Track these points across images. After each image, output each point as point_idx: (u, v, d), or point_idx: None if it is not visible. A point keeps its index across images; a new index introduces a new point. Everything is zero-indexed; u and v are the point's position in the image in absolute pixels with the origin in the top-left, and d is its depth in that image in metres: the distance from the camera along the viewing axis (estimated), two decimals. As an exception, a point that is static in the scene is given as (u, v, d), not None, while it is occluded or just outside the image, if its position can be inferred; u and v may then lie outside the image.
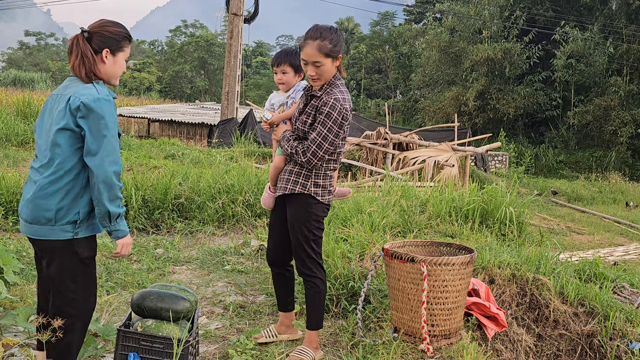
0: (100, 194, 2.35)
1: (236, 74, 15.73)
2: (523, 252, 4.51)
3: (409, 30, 34.94)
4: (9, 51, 59.75)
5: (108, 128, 2.35)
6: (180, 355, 2.69)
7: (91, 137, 2.33)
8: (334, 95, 2.86)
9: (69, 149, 2.37)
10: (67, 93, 2.40)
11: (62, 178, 2.37)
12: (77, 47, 2.42)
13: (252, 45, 57.54)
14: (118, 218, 2.43)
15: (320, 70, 2.85)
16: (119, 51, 2.49)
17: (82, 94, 2.35)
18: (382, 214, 5.44)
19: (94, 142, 2.33)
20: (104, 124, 2.34)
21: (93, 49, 2.44)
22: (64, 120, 2.35)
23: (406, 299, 3.17)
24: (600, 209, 14.16)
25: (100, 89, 2.41)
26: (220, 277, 4.58)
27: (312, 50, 2.82)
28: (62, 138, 2.36)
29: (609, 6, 26.09)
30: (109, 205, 2.36)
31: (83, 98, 2.34)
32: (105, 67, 2.48)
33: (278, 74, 3.18)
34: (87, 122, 2.33)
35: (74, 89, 2.40)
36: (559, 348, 3.84)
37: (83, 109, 2.33)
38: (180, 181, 6.62)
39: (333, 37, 2.85)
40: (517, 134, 26.15)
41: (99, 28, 2.46)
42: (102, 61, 2.46)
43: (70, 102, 2.35)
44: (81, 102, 2.33)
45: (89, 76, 2.43)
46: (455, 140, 15.16)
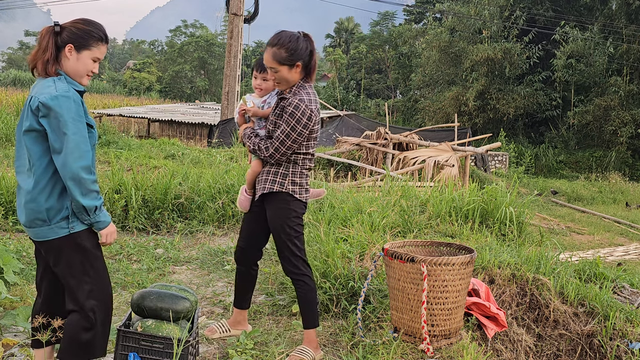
0: (72, 190, 2.35)
1: (236, 74, 15.73)
2: (523, 252, 4.51)
3: (409, 30, 34.93)
4: (9, 51, 59.78)
5: (67, 125, 2.32)
6: (180, 355, 2.69)
7: (53, 136, 2.33)
8: (299, 96, 2.96)
9: (39, 149, 2.38)
10: (31, 93, 2.40)
11: (42, 178, 2.38)
12: (42, 40, 2.41)
13: (252, 45, 57.51)
14: (96, 210, 2.42)
15: (278, 76, 2.96)
16: (84, 49, 2.43)
17: (42, 92, 2.34)
18: (382, 214, 5.44)
19: (56, 140, 2.33)
20: (64, 122, 2.31)
21: (58, 43, 2.41)
22: (27, 121, 2.36)
23: (406, 299, 3.17)
24: (600, 209, 14.16)
25: (60, 85, 2.36)
26: (220, 277, 4.58)
27: (268, 57, 2.95)
28: (30, 139, 2.38)
29: (609, 6, 26.08)
30: (82, 200, 2.35)
31: (41, 97, 2.32)
32: (69, 63, 2.42)
33: (258, 79, 3.25)
34: (48, 120, 2.32)
35: (37, 88, 2.40)
36: (559, 348, 3.84)
37: (42, 108, 2.32)
38: (180, 181, 6.63)
39: (290, 45, 2.92)
40: (517, 134, 26.15)
41: (70, 24, 2.45)
42: (65, 57, 2.42)
43: (31, 102, 2.35)
44: (39, 101, 2.32)
45: (46, 70, 2.40)
46: (455, 140, 15.16)
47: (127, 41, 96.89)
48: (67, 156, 2.32)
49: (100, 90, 43.33)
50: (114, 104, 31.82)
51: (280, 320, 3.65)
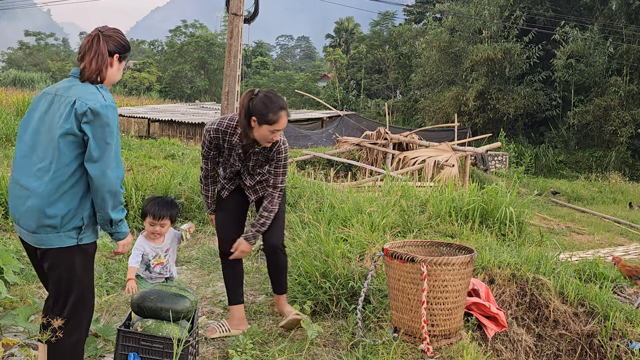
0: (105, 202, 2.33)
1: (236, 74, 15.73)
2: (523, 252, 4.51)
3: (409, 30, 34.93)
4: (9, 51, 59.75)
5: (113, 136, 2.34)
6: (180, 355, 2.69)
7: (95, 144, 2.30)
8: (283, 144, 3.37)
9: (71, 154, 2.32)
10: (70, 95, 2.35)
11: (65, 183, 2.32)
12: (97, 45, 2.42)
13: (252, 45, 57.53)
14: (120, 222, 2.43)
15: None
16: (124, 59, 2.52)
17: (89, 98, 2.32)
18: (382, 214, 5.44)
19: (97, 149, 2.30)
20: (109, 132, 2.32)
21: (108, 50, 2.45)
22: (67, 124, 2.30)
23: (406, 299, 3.17)
24: (600, 209, 14.15)
25: (106, 94, 2.39)
26: (220, 277, 4.57)
27: (285, 120, 3.14)
28: (65, 143, 2.31)
29: (609, 6, 26.07)
30: (112, 213, 2.37)
31: (90, 103, 2.30)
32: (112, 71, 2.49)
33: (156, 226, 3.38)
34: (92, 128, 2.30)
35: (78, 92, 2.35)
36: (559, 348, 3.84)
37: (90, 114, 2.29)
38: (180, 181, 6.63)
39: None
40: (517, 134, 26.15)
41: (113, 33, 2.49)
42: (110, 65, 2.47)
43: (77, 106, 2.30)
44: (88, 107, 2.30)
45: (100, 76, 2.42)
46: (455, 140, 15.16)
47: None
48: (106, 166, 2.31)
49: (100, 90, 43.28)
50: (114, 104, 31.74)
51: (280, 320, 3.65)
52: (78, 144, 2.33)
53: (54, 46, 62.25)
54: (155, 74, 49.33)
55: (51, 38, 61.59)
